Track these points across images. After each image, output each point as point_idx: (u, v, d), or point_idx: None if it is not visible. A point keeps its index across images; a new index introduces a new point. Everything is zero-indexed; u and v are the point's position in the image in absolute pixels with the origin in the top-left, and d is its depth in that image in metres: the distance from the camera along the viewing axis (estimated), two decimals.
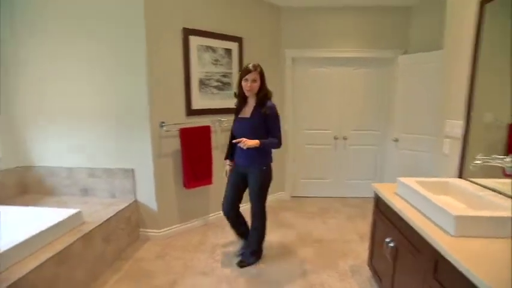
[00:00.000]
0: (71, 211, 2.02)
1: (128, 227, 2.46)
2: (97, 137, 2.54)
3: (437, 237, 1.13)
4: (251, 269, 2.17)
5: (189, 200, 2.76)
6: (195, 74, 2.62)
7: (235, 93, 2.13)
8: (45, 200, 2.54)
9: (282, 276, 2.09)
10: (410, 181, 1.59)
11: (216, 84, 2.77)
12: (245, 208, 2.82)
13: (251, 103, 2.06)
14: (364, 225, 2.86)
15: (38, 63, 2.50)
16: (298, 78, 3.47)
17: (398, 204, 1.51)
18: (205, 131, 2.67)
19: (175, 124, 2.53)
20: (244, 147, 1.91)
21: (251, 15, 3.03)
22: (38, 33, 2.46)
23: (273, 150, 2.13)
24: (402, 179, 1.64)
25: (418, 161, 3.04)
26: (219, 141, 2.88)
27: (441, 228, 1.19)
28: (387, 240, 1.58)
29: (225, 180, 2.31)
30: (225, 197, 2.24)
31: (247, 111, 2.06)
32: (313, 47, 3.35)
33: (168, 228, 2.67)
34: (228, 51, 2.82)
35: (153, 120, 2.44)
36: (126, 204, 2.44)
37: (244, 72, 1.97)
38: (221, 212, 2.90)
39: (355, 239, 2.63)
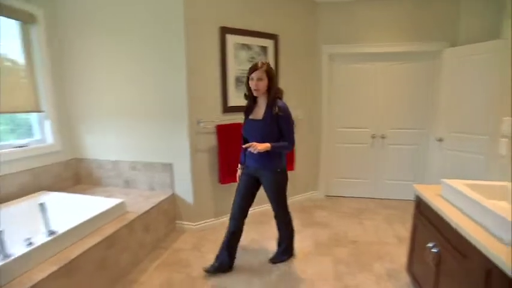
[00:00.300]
0: (116, 201, 2.18)
1: (165, 218, 2.59)
2: (140, 133, 2.70)
3: (491, 245, 1.04)
4: (283, 266, 2.18)
5: (224, 195, 2.83)
6: (232, 71, 2.67)
7: (245, 95, 2.00)
8: (94, 190, 2.77)
9: (315, 275, 2.06)
10: (458, 183, 1.49)
11: None
12: (258, 211, 2.83)
13: (261, 103, 1.94)
14: (403, 228, 2.72)
15: (91, 65, 2.73)
16: (334, 75, 3.38)
17: (443, 208, 1.42)
18: (241, 127, 2.71)
19: (211, 121, 2.61)
20: (255, 152, 1.80)
21: (287, 12, 3.01)
22: (93, 36, 2.67)
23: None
24: (448, 181, 1.53)
25: (465, 162, 2.81)
26: None
27: (494, 235, 1.10)
28: (429, 245, 1.49)
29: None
30: (234, 207, 2.09)
31: (258, 113, 1.94)
32: (351, 42, 3.24)
33: (203, 221, 2.76)
34: (264, 49, 2.83)
35: (191, 118, 2.54)
36: (164, 197, 2.58)
37: (250, 70, 1.87)
38: (254, 207, 2.94)
39: (393, 242, 2.51)
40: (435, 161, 3.18)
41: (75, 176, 2.96)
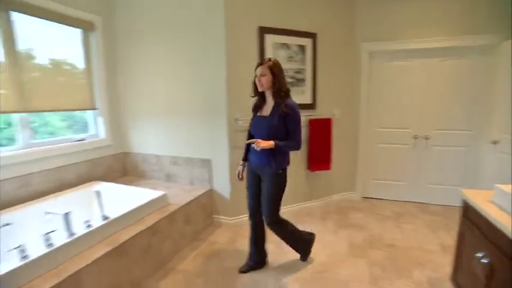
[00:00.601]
0: (159, 193, 2.34)
1: (204, 212, 2.72)
2: (181, 130, 2.86)
3: None
4: (317, 265, 2.17)
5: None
6: None
7: (253, 91, 1.97)
8: (139, 182, 2.98)
9: (349, 276, 2.03)
10: None
11: (289, 80, 2.81)
12: (297, 208, 2.82)
13: (269, 101, 1.91)
14: (448, 236, 2.56)
15: (139, 67, 2.95)
16: (374, 73, 3.26)
17: (496, 215, 1.32)
18: None
19: (249, 119, 2.66)
20: (258, 149, 1.77)
21: (325, 10, 2.97)
22: (142, 41, 2.89)
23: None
24: (503, 186, 1.43)
25: None
26: None
27: None
28: (479, 255, 1.40)
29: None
30: (248, 207, 2.12)
31: (266, 110, 1.91)
32: (393, 39, 3.10)
33: (238, 217, 2.84)
34: (302, 48, 2.83)
35: (229, 116, 2.63)
36: (203, 191, 2.70)
37: (255, 67, 1.88)
38: (290, 206, 2.97)
39: (435, 249, 2.38)
40: (488, 165, 2.94)
41: (123, 168, 3.21)
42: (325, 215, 3.06)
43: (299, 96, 2.86)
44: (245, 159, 2.11)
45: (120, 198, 2.36)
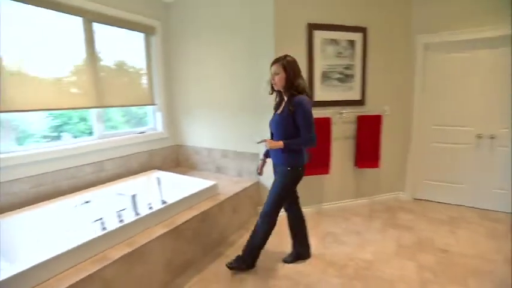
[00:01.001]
0: (210, 182, 2.53)
1: (250, 203, 2.85)
2: (231, 124, 3.02)
3: None
4: (361, 262, 2.16)
5: (305, 187, 2.90)
6: (318, 67, 2.73)
7: (271, 88, 1.98)
8: (191, 172, 3.23)
9: (394, 277, 1.99)
10: None
11: (338, 76, 2.80)
12: (338, 206, 2.77)
13: (285, 98, 1.90)
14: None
15: (193, 66, 3.19)
16: (430, 67, 3.05)
17: None
18: (326, 122, 2.76)
19: None
20: (267, 148, 1.86)
21: (377, 3, 2.86)
22: (196, 43, 3.12)
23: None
24: None
25: None
26: (339, 133, 2.92)
27: None
28: None
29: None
30: None
31: (281, 108, 1.93)
32: (452, 28, 2.85)
33: (282, 210, 2.91)
34: (352, 43, 2.79)
35: None
36: (250, 183, 2.84)
37: (271, 65, 1.87)
38: (335, 202, 2.97)
39: (495, 259, 2.19)
40: None
41: (177, 159, 3.51)
42: (372, 213, 2.99)
43: (347, 92, 2.84)
44: (266, 155, 2.16)
45: (176, 186, 2.61)
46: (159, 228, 1.89)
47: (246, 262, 2.05)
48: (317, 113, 2.75)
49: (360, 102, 2.91)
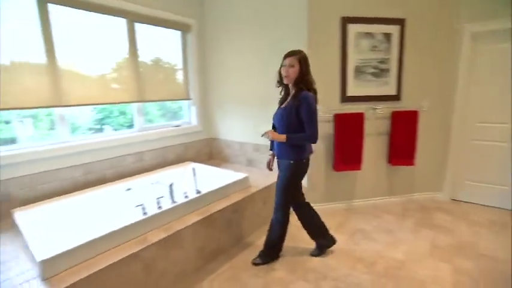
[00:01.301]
0: (242, 175, 2.61)
1: None
2: (263, 118, 3.07)
3: None
4: (391, 261, 2.12)
5: (336, 182, 2.92)
6: (351, 61, 2.68)
7: (277, 81, 1.98)
8: (224, 165, 3.35)
9: (427, 278, 1.93)
10: None
11: (372, 71, 2.73)
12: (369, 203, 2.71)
13: (292, 92, 1.90)
14: None
15: (226, 62, 3.28)
16: (476, 59, 2.83)
17: None
18: (359, 117, 2.71)
19: (330, 110, 2.71)
20: (268, 138, 1.88)
21: None
22: (228, 36, 3.20)
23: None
24: None
25: None
26: (372, 129, 2.86)
27: None
28: None
29: None
30: None
31: (287, 102, 1.92)
32: (507, 15, 2.59)
33: (313, 204, 2.90)
34: (388, 36, 2.69)
35: None
36: None
37: (284, 56, 1.86)
38: (366, 199, 2.93)
39: None
40: None
41: (210, 152, 3.64)
42: (406, 211, 2.89)
43: (382, 87, 2.76)
44: (271, 149, 2.17)
45: (209, 177, 2.73)
46: (194, 216, 2.01)
47: (270, 256, 2.12)
48: (349, 108, 2.73)
49: (395, 98, 2.82)
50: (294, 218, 2.72)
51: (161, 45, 3.05)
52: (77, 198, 2.22)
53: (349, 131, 2.71)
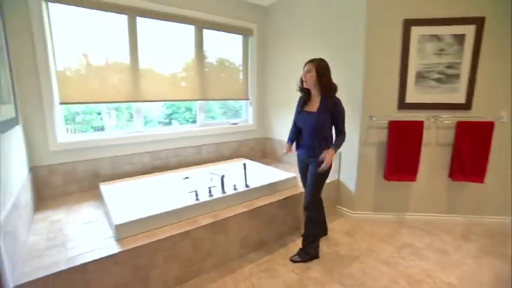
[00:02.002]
0: (290, 174, 2.71)
1: (327, 200, 2.86)
2: None
3: None
4: (442, 283, 1.97)
5: (387, 192, 2.80)
6: (413, 66, 2.54)
7: (299, 87, 2.16)
8: (275, 164, 3.47)
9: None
10: None
11: (437, 76, 2.54)
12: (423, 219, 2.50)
13: (314, 97, 2.09)
14: None
15: (283, 64, 3.40)
16: None
17: None
18: (417, 126, 2.56)
19: (384, 116, 2.63)
20: (326, 168, 2.00)
21: None
22: (286, 39, 3.33)
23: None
24: None
25: None
26: (432, 139, 2.66)
27: None
28: None
29: None
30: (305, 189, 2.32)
31: (313, 106, 2.09)
32: None
33: (361, 212, 2.87)
34: (459, 38, 2.47)
35: (364, 112, 2.67)
36: (329, 181, 2.85)
37: (305, 64, 2.05)
38: (420, 214, 2.76)
39: None
40: None
41: (262, 150, 3.82)
42: (468, 234, 2.61)
43: (447, 95, 2.54)
44: (290, 141, 2.31)
45: (259, 174, 2.90)
46: (240, 207, 2.19)
47: (309, 253, 2.19)
48: (407, 116, 2.61)
49: (463, 106, 2.57)
50: (341, 226, 2.73)
51: (224, 47, 3.32)
52: (146, 180, 2.61)
53: (405, 139, 2.58)
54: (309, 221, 2.19)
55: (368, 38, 2.55)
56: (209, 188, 2.17)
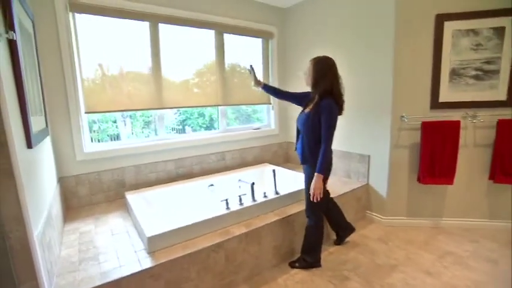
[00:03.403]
0: None
1: (357, 205, 2.78)
2: (342, 124, 2.98)
3: None
4: None
5: (421, 196, 2.66)
6: (446, 63, 2.41)
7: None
8: (299, 169, 3.36)
9: None
10: None
11: (474, 73, 2.40)
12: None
13: (315, 98, 1.90)
14: None
15: (303, 64, 3.30)
16: None
17: None
18: (453, 126, 2.42)
19: (417, 117, 2.50)
20: (316, 200, 1.86)
21: None
22: (307, 40, 3.25)
23: None
24: None
25: None
26: (469, 139, 2.51)
27: None
28: None
29: None
30: None
31: (309, 106, 1.96)
32: None
33: (392, 217, 2.74)
34: (498, 31, 2.32)
35: (394, 112, 2.55)
36: (359, 185, 2.77)
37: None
38: (458, 219, 2.61)
39: None
40: None
41: (285, 155, 3.73)
42: None
43: (485, 92, 2.40)
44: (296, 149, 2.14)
45: (286, 179, 2.81)
46: (272, 216, 2.10)
47: (307, 261, 2.08)
48: (442, 116, 2.47)
49: (504, 104, 2.41)
50: (373, 233, 2.60)
51: (244, 51, 3.26)
52: (171, 188, 2.56)
53: (440, 140, 2.44)
54: (306, 229, 2.06)
55: (398, 36, 2.44)
56: (239, 196, 2.10)
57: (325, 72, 1.84)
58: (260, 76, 3.43)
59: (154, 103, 2.64)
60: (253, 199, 2.14)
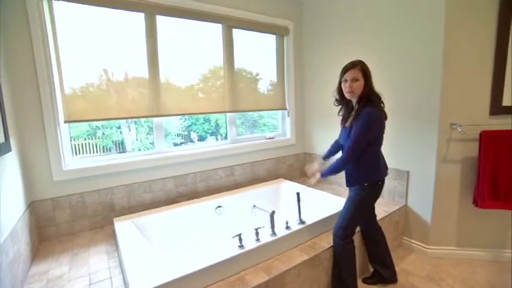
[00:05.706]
0: None
1: (394, 231, 2.29)
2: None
3: None
4: None
5: (478, 222, 2.16)
6: None
7: (336, 100, 1.76)
8: (320, 185, 2.88)
9: None
10: None
11: None
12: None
13: (355, 109, 1.63)
14: None
15: (322, 68, 2.87)
16: None
17: None
18: None
19: (473, 125, 2.02)
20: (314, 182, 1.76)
21: None
22: (327, 39, 2.78)
23: None
24: None
25: None
26: None
27: None
28: None
29: None
30: None
31: (350, 119, 1.67)
32: None
33: (439, 247, 2.24)
34: None
35: (443, 120, 2.07)
36: (396, 208, 2.28)
37: (342, 71, 1.63)
38: (488, 249, 2.14)
39: None
40: None
41: (302, 168, 3.24)
42: None
43: None
44: (323, 158, 1.96)
45: (309, 200, 2.33)
46: (297, 252, 1.63)
47: None
48: (506, 123, 1.97)
49: None
50: (418, 268, 2.10)
51: (256, 49, 2.82)
52: (170, 212, 2.10)
53: (505, 154, 1.95)
54: (338, 263, 1.70)
55: (449, 20, 1.97)
56: (255, 230, 1.61)
57: (370, 77, 1.61)
58: (274, 80, 2.98)
59: (150, 110, 2.20)
60: (273, 232, 1.65)
